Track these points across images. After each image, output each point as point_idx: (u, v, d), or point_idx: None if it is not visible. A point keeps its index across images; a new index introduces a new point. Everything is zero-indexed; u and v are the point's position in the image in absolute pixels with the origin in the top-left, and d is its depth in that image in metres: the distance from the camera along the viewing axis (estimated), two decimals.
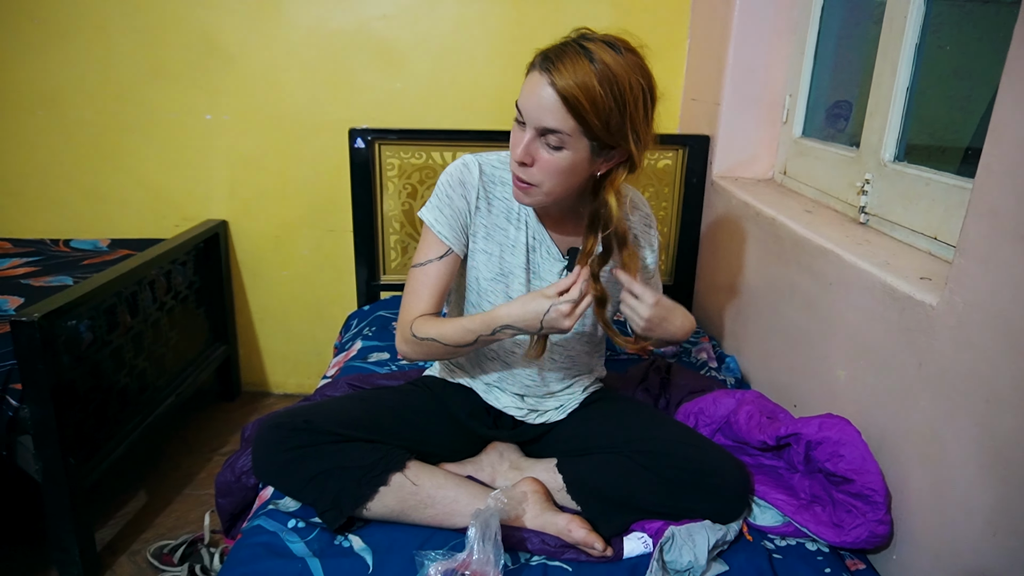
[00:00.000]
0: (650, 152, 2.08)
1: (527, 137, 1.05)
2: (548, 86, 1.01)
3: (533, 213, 1.22)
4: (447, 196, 1.20)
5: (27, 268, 2.09)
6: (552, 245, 1.23)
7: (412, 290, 1.22)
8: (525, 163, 1.07)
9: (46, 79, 2.25)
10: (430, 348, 1.18)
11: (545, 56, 1.03)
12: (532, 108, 1.03)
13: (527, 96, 1.04)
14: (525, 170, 1.08)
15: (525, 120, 1.05)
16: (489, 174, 1.22)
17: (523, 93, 1.05)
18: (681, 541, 1.07)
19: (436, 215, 1.20)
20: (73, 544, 1.58)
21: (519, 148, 1.06)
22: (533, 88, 1.03)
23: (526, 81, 1.06)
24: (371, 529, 1.13)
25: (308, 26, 2.21)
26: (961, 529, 0.96)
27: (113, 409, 1.76)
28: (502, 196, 1.22)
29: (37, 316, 1.43)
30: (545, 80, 1.01)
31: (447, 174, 1.21)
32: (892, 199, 1.37)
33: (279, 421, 1.17)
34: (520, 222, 1.23)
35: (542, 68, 1.02)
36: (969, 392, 0.94)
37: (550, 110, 1.02)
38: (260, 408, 2.49)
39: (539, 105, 1.02)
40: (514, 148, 1.08)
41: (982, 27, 1.33)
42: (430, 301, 1.21)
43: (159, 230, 2.39)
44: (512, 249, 1.23)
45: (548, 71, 1.01)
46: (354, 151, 2.02)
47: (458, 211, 1.20)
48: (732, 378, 1.70)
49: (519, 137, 1.07)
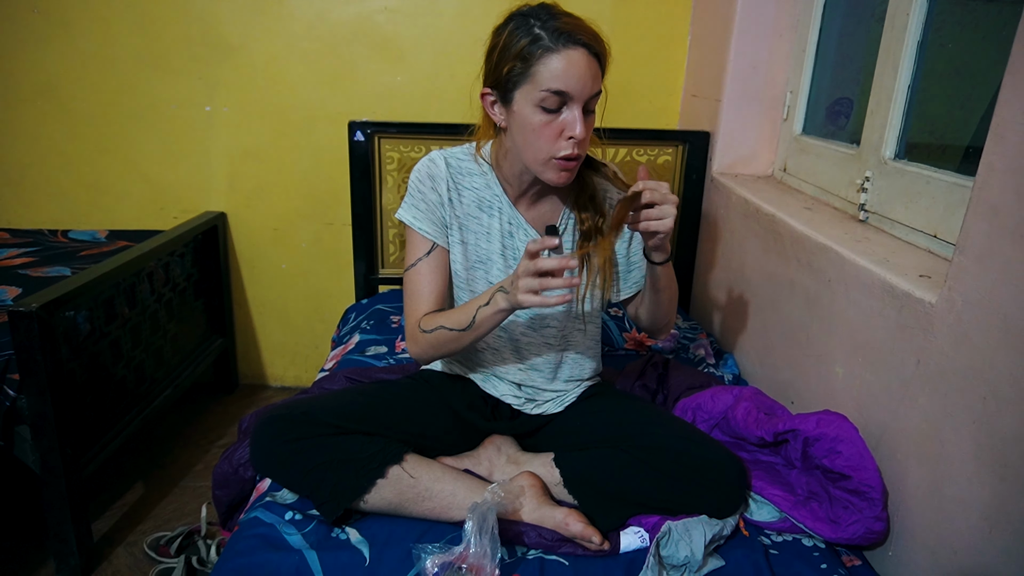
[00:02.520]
0: (650, 148, 2.10)
1: (577, 114, 1.07)
2: (588, 54, 1.04)
3: (506, 198, 1.23)
4: (419, 192, 1.22)
5: (25, 259, 2.09)
6: (528, 227, 1.24)
7: (411, 292, 1.23)
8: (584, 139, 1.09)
9: (46, 69, 2.24)
10: (438, 338, 1.17)
11: (559, 32, 1.03)
12: (584, 80, 1.05)
13: (573, 73, 1.04)
14: (582, 146, 1.10)
15: (575, 96, 1.06)
16: (455, 166, 1.24)
17: (561, 75, 1.04)
18: (678, 536, 1.08)
19: (414, 213, 1.22)
20: (71, 535, 1.59)
21: (578, 126, 1.06)
22: (575, 63, 1.04)
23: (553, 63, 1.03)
24: (368, 522, 1.14)
25: (309, 18, 2.20)
26: (957, 526, 0.96)
27: (111, 400, 1.76)
28: (470, 186, 1.24)
29: (35, 307, 1.43)
30: (582, 50, 1.04)
31: (416, 172, 1.23)
32: (892, 197, 1.37)
33: (277, 413, 1.17)
34: (492, 209, 1.24)
35: (570, 42, 1.03)
36: (967, 389, 0.94)
37: (596, 75, 1.07)
38: (258, 400, 2.49)
39: (590, 75, 1.05)
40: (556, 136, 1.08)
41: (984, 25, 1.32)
42: (431, 298, 1.22)
43: (158, 222, 2.39)
44: (487, 236, 1.24)
45: (579, 41, 1.03)
46: (354, 144, 2.02)
47: (432, 204, 1.22)
48: (730, 374, 1.70)
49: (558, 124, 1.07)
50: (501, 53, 1.08)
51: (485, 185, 1.24)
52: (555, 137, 1.08)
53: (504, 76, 1.08)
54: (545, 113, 1.07)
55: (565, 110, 1.07)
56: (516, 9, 1.10)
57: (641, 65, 2.22)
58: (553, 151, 1.09)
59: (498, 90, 1.11)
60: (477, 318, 1.11)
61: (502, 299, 1.07)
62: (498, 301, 1.08)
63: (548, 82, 1.04)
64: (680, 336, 1.87)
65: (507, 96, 1.10)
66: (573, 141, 1.08)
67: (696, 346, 1.82)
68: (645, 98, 2.27)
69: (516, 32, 1.06)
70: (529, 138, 1.10)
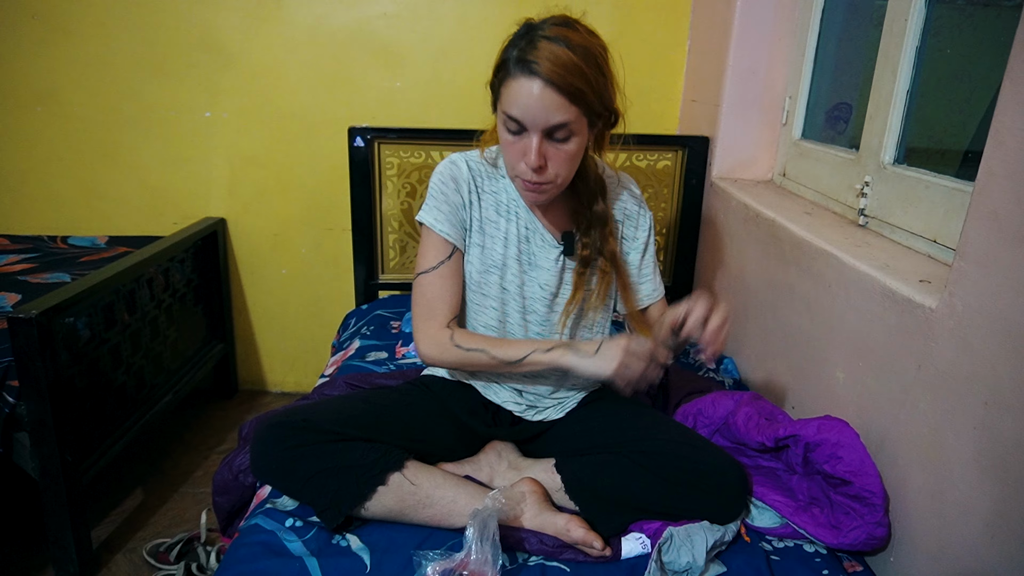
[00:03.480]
0: (649, 153, 2.10)
1: (535, 141, 1.05)
2: (543, 85, 1.01)
3: (522, 203, 1.23)
4: (442, 194, 1.21)
5: (25, 264, 2.08)
6: (545, 232, 1.24)
7: (430, 298, 1.21)
8: (541, 167, 1.07)
9: (45, 75, 2.24)
10: (474, 359, 1.17)
11: (519, 59, 1.02)
12: (534, 111, 1.03)
13: (523, 103, 1.03)
14: (542, 173, 1.09)
15: (527, 126, 1.05)
16: (476, 169, 1.24)
17: (513, 102, 1.04)
18: (679, 542, 1.07)
19: (435, 215, 1.21)
20: (70, 542, 1.58)
21: (531, 155, 1.06)
22: (526, 92, 1.02)
23: (510, 89, 1.04)
24: (369, 528, 1.13)
25: (308, 24, 2.20)
26: (959, 532, 0.96)
27: (111, 407, 1.76)
28: (490, 190, 1.24)
29: (35, 313, 1.43)
30: (537, 81, 1.01)
31: (438, 173, 1.23)
32: (892, 201, 1.37)
33: (277, 420, 1.17)
34: (510, 213, 1.24)
35: (526, 71, 1.01)
36: (968, 395, 0.94)
37: (555, 107, 1.02)
38: (258, 406, 2.49)
39: (541, 106, 1.02)
40: (520, 156, 1.08)
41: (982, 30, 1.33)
42: (452, 304, 1.22)
43: (157, 227, 2.38)
44: (504, 241, 1.24)
45: (534, 72, 1.01)
46: (353, 150, 2.02)
47: (455, 206, 1.21)
48: (730, 379, 1.70)
49: (522, 145, 1.07)
50: (495, 63, 1.09)
51: (503, 189, 1.24)
52: (519, 158, 1.09)
53: (490, 85, 1.11)
54: (509, 133, 1.08)
55: (525, 134, 1.07)
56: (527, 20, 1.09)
57: (640, 70, 2.23)
58: (517, 170, 1.11)
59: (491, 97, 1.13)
60: (529, 359, 1.15)
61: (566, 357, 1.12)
62: (559, 356, 1.13)
63: (504, 105, 1.06)
64: None
65: (495, 106, 1.12)
66: (528, 168, 1.08)
67: (696, 351, 1.82)
68: (644, 103, 2.27)
69: (507, 47, 1.07)
70: (503, 152, 1.13)
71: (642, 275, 1.33)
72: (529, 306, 1.27)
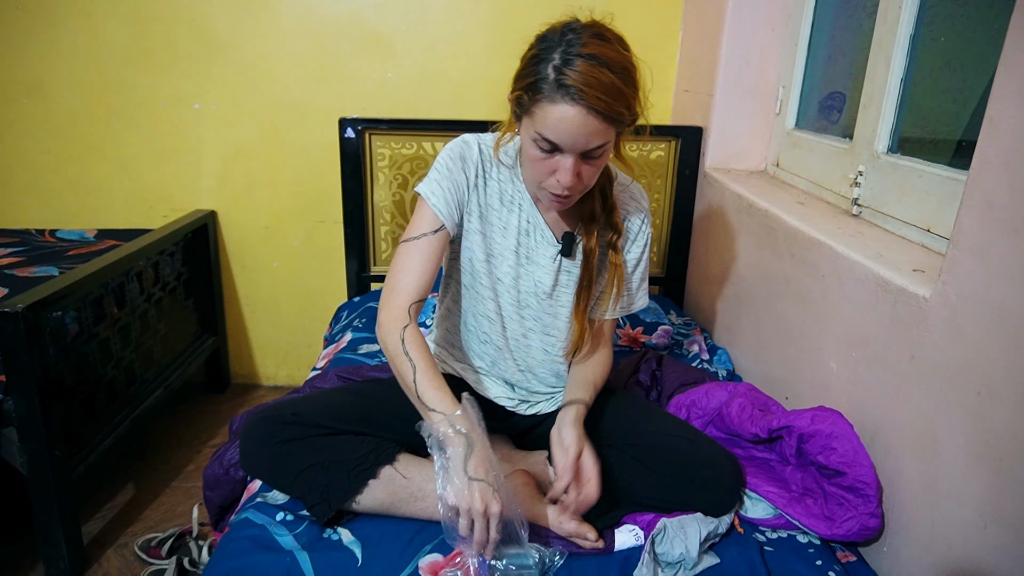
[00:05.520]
0: (642, 143, 2.09)
1: (571, 163, 1.03)
2: (587, 113, 0.97)
3: (527, 197, 1.22)
4: (447, 170, 1.18)
5: (12, 259, 2.06)
6: (547, 229, 1.23)
7: (403, 266, 1.16)
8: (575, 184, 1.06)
9: (32, 67, 2.22)
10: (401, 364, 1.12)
11: (559, 83, 0.97)
12: (574, 136, 1.00)
13: (562, 129, 0.99)
14: (575, 191, 1.08)
15: (564, 149, 1.02)
16: (486, 154, 1.21)
17: (551, 127, 1.00)
18: (673, 533, 1.07)
19: (434, 188, 1.17)
20: (60, 537, 1.57)
21: (567, 176, 1.04)
22: (567, 119, 0.98)
23: (547, 111, 0.99)
24: (361, 522, 1.12)
25: (298, 14, 2.18)
26: (952, 521, 0.96)
27: (100, 401, 1.74)
28: (496, 177, 1.22)
29: (22, 307, 1.41)
30: (579, 108, 0.97)
31: (448, 149, 1.19)
32: (885, 191, 1.37)
33: (267, 415, 1.16)
34: (513, 205, 1.22)
35: (566, 97, 0.97)
36: (962, 384, 0.94)
37: (595, 132, 1.00)
38: (249, 400, 2.48)
39: (584, 133, 1.00)
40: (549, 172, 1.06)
41: (976, 19, 1.32)
42: (422, 279, 1.16)
43: (147, 220, 2.36)
44: (503, 231, 1.22)
45: (575, 99, 0.97)
46: (344, 141, 2.00)
47: (457, 185, 1.18)
48: (724, 370, 1.70)
49: (552, 163, 1.05)
50: (521, 70, 1.05)
51: (509, 179, 1.22)
52: (547, 173, 1.07)
53: (516, 96, 1.06)
54: (540, 151, 1.05)
55: (558, 155, 1.04)
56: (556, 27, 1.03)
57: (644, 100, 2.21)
58: (544, 183, 1.09)
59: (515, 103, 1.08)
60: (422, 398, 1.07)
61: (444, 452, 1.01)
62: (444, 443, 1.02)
63: (540, 127, 1.02)
64: (674, 332, 1.87)
65: (518, 115, 1.08)
66: (560, 184, 1.06)
67: (690, 342, 1.82)
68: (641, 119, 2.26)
69: (536, 58, 1.01)
70: (527, 163, 1.10)
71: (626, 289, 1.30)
72: (523, 300, 1.26)
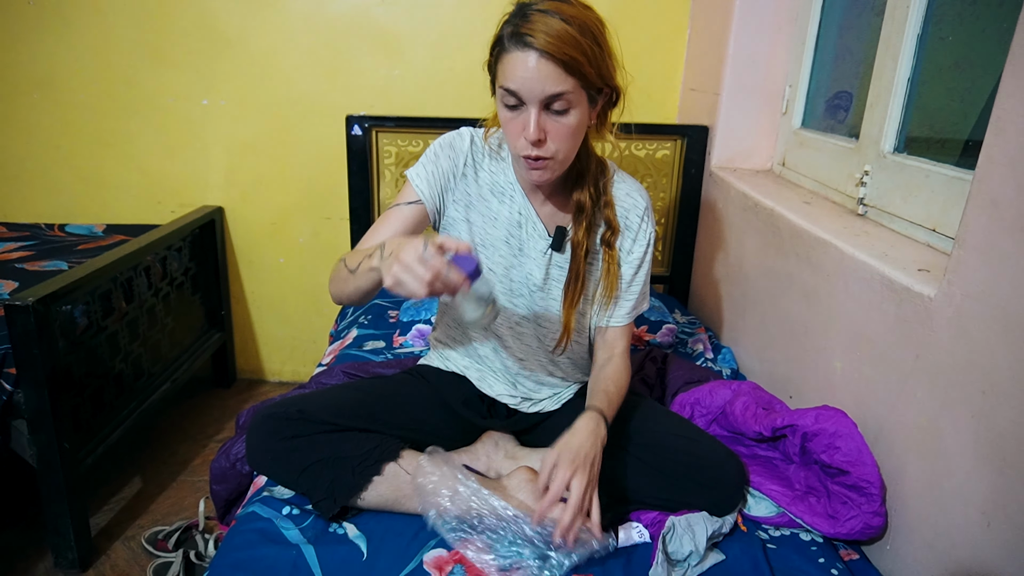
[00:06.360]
0: (648, 142, 2.09)
1: (533, 114, 1.04)
2: (538, 56, 1.00)
3: (520, 189, 1.22)
4: (434, 155, 1.21)
5: (22, 252, 2.08)
6: (539, 223, 1.23)
7: (372, 228, 1.21)
8: (540, 140, 1.06)
9: (42, 62, 2.23)
10: (337, 271, 1.14)
11: (513, 33, 1.02)
12: (530, 82, 1.02)
13: (519, 75, 1.02)
14: (541, 147, 1.08)
15: (525, 99, 1.04)
16: (479, 146, 1.23)
17: (510, 75, 1.03)
18: (681, 531, 1.08)
19: (419, 170, 1.21)
20: (68, 529, 1.58)
21: (531, 128, 1.05)
22: (522, 64, 1.01)
23: (506, 63, 1.04)
24: (366, 517, 1.13)
25: (307, 11, 2.19)
26: (956, 520, 0.96)
27: (108, 395, 1.75)
28: (488, 169, 1.23)
29: (32, 300, 1.43)
30: (532, 53, 1.00)
31: (440, 138, 1.23)
32: (891, 191, 1.37)
33: (273, 411, 1.16)
34: (505, 196, 1.23)
35: (521, 43, 1.01)
36: (966, 384, 0.94)
37: (550, 77, 1.01)
38: (255, 395, 2.49)
39: (538, 77, 1.01)
40: (520, 132, 1.07)
41: (984, 18, 1.31)
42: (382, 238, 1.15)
43: (155, 216, 2.38)
44: (494, 222, 1.23)
45: (528, 44, 1.00)
46: (351, 138, 2.01)
47: (442, 171, 1.20)
48: (728, 369, 1.70)
49: (520, 120, 1.06)
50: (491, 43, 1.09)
51: (502, 171, 1.23)
52: (518, 134, 1.08)
53: (488, 67, 1.11)
54: (508, 109, 1.07)
55: (523, 108, 1.06)
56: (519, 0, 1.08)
57: (640, 58, 2.21)
58: (518, 148, 1.09)
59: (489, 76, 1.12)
60: (360, 268, 1.06)
61: (376, 258, 0.99)
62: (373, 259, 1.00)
63: (501, 79, 1.05)
64: (678, 331, 1.87)
65: (493, 88, 1.11)
66: (527, 142, 1.07)
67: (694, 340, 1.82)
68: (644, 92, 2.26)
69: (501, 26, 1.07)
70: (504, 131, 1.12)
71: (629, 291, 1.28)
72: (516, 289, 1.26)
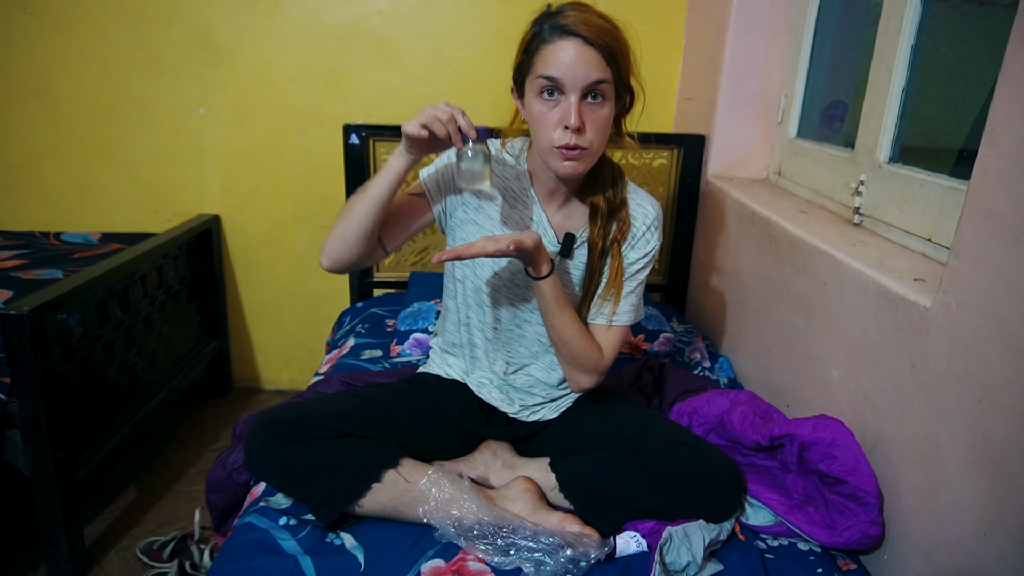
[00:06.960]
0: (645, 151, 2.10)
1: (573, 101, 1.08)
2: (583, 44, 1.05)
3: (532, 194, 1.24)
4: (447, 157, 1.26)
5: (17, 261, 2.07)
6: (549, 229, 1.25)
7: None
8: (581, 128, 1.09)
9: (39, 71, 2.23)
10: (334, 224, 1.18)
11: (554, 26, 1.07)
12: (574, 67, 1.06)
13: (563, 62, 1.06)
14: (580, 136, 1.10)
15: (566, 87, 1.07)
16: (494, 152, 1.26)
17: (553, 63, 1.06)
18: (679, 541, 1.07)
19: (430, 170, 1.27)
20: (62, 539, 1.57)
21: (572, 115, 1.08)
22: (565, 52, 1.06)
23: (547, 53, 1.07)
24: (363, 527, 1.13)
25: (304, 20, 2.19)
26: (953, 530, 0.96)
27: (104, 404, 1.75)
28: (500, 174, 1.26)
29: (27, 309, 1.42)
30: (576, 40, 1.05)
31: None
32: (886, 200, 1.37)
33: (272, 416, 1.16)
34: (516, 202, 1.25)
35: (564, 33, 1.06)
36: (962, 393, 0.94)
37: (592, 63, 1.06)
38: (252, 404, 2.48)
39: (582, 63, 1.05)
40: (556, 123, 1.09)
41: (978, 29, 1.33)
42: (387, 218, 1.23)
43: (151, 224, 2.37)
44: (501, 226, 1.25)
45: (571, 32, 1.05)
46: (348, 147, 2.01)
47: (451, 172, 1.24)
48: (725, 378, 1.70)
49: (559, 110, 1.09)
50: (520, 49, 1.14)
51: (515, 177, 1.25)
52: (554, 125, 1.10)
53: (516, 68, 1.15)
54: (544, 101, 1.10)
55: (562, 99, 1.09)
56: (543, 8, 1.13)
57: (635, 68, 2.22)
58: (553, 139, 1.11)
59: (515, 82, 1.17)
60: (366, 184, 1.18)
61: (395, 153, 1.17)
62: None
63: (540, 69, 1.08)
64: (675, 339, 1.87)
65: (520, 88, 1.16)
66: (568, 131, 1.09)
67: (692, 349, 1.82)
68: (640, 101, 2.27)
69: (529, 29, 1.12)
70: (535, 126, 1.14)
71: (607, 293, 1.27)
72: (521, 294, 1.27)
